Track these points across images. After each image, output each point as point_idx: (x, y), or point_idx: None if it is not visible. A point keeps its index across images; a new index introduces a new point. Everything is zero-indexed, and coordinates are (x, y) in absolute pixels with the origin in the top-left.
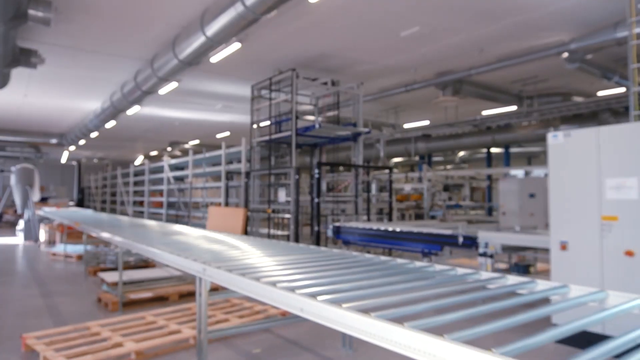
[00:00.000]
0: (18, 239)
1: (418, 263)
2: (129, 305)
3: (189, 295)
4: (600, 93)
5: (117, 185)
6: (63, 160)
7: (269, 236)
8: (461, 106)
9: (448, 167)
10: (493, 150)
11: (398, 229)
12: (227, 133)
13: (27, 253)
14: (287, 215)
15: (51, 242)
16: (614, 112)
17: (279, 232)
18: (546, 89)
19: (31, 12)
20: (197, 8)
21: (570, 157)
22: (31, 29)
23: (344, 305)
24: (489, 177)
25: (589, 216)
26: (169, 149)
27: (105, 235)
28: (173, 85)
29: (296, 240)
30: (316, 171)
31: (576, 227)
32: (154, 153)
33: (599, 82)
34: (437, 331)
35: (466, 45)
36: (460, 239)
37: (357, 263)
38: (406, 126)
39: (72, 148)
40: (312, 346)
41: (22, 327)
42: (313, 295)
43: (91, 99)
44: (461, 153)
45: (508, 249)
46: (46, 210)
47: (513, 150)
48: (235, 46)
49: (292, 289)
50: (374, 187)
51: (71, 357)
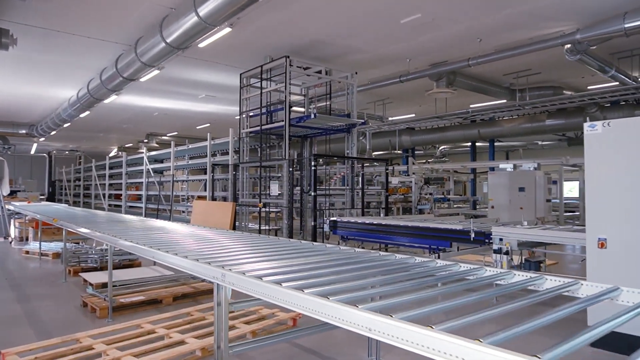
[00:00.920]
0: None
1: (449, 263)
2: (119, 310)
3: (184, 297)
4: (590, 87)
5: (92, 178)
6: (32, 151)
7: (260, 231)
8: (450, 99)
9: (429, 161)
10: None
11: (402, 224)
12: (207, 125)
13: None
14: (275, 209)
15: (23, 239)
16: (601, 107)
17: (270, 227)
18: (537, 82)
19: None
20: None
21: (610, 148)
22: (3, 5)
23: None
24: (474, 171)
25: (634, 212)
26: (146, 141)
27: (94, 233)
28: (155, 72)
29: (290, 235)
30: (313, 163)
31: (617, 224)
32: (130, 145)
33: (589, 77)
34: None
35: (465, 34)
36: (472, 235)
37: (387, 264)
38: (395, 118)
39: (43, 139)
40: (335, 356)
41: (0, 340)
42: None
43: (66, 87)
44: (442, 147)
45: (522, 245)
46: (16, 205)
47: (484, 145)
48: (225, 31)
49: (354, 304)
50: (360, 180)
51: None
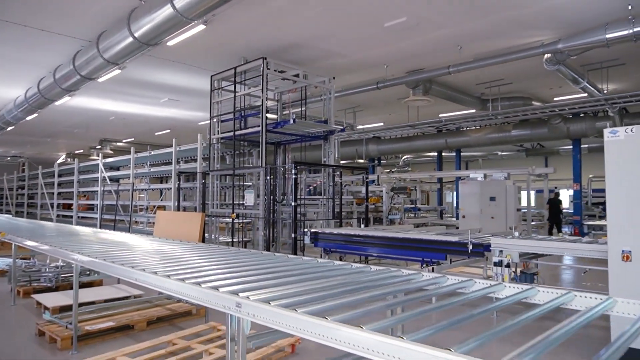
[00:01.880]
0: None
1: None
2: (85, 339)
3: (159, 321)
4: (556, 99)
5: (38, 186)
6: None
7: (233, 244)
8: (420, 108)
9: (393, 170)
10: (433, 153)
11: (393, 235)
12: (168, 131)
13: None
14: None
15: None
16: (565, 118)
17: (244, 239)
18: (507, 93)
19: None
20: None
21: (634, 155)
22: None
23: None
24: (440, 180)
25: None
26: (99, 147)
27: (57, 250)
28: (116, 71)
29: (267, 248)
30: (294, 171)
31: None
32: (80, 151)
33: (557, 88)
34: None
35: (446, 41)
36: (469, 247)
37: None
38: (368, 126)
39: None
40: None
41: None
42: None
43: (12, 85)
44: (405, 156)
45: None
46: None
47: (448, 155)
48: (198, 28)
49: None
50: (331, 190)
51: None
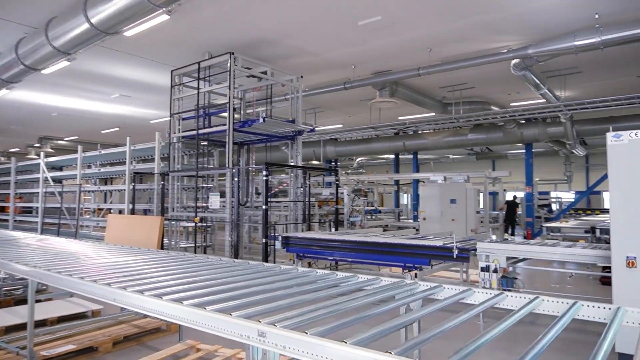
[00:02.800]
0: None
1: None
2: None
3: (127, 341)
4: (512, 104)
5: None
6: None
7: (196, 250)
8: (382, 110)
9: (348, 172)
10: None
11: (371, 240)
12: (116, 129)
13: None
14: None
15: None
16: (518, 123)
17: (207, 244)
18: (468, 97)
19: None
20: None
21: (639, 160)
22: None
23: None
24: (397, 183)
25: None
26: (38, 145)
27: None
28: (64, 63)
29: (235, 254)
30: (265, 172)
31: None
32: (16, 150)
33: (515, 94)
34: None
35: (417, 43)
36: (455, 252)
37: None
38: (328, 127)
39: None
40: None
41: None
42: None
43: None
44: (359, 158)
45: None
46: None
47: (403, 157)
48: (161, 18)
49: None
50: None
51: None
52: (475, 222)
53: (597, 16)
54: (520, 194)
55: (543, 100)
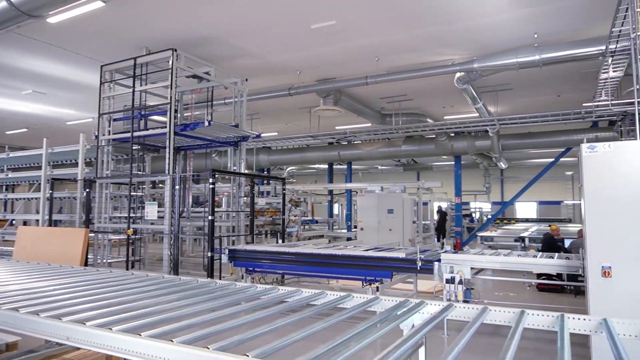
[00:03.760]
0: None
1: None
2: None
3: None
4: (446, 117)
5: None
6: None
7: (128, 266)
8: (321, 119)
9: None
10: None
11: (329, 252)
12: (25, 130)
13: None
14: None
15: None
16: (449, 136)
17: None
18: (405, 109)
19: None
20: None
21: (614, 171)
22: None
23: None
24: (331, 192)
25: None
26: None
27: None
28: None
29: (175, 270)
30: (211, 180)
31: (625, 251)
32: None
33: (449, 107)
34: None
35: (367, 51)
36: (419, 264)
37: None
38: (267, 135)
39: None
40: None
41: None
42: None
43: None
44: (289, 167)
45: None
46: None
47: (336, 167)
48: (95, 5)
49: None
50: (224, 201)
51: None
52: (412, 232)
53: (536, 35)
54: (444, 204)
55: (476, 114)
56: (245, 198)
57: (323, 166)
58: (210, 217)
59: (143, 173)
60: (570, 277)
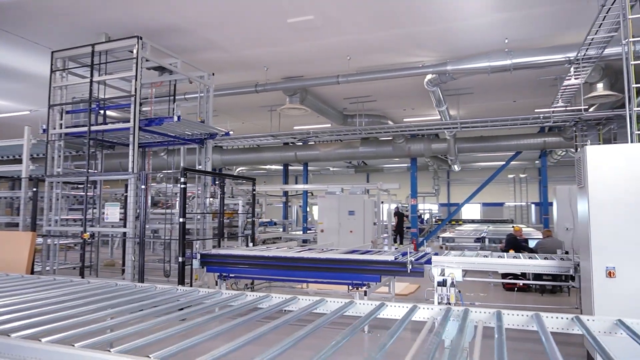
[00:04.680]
0: None
1: None
2: None
3: None
4: (405, 120)
5: None
6: None
7: (83, 273)
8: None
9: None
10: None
11: (312, 256)
12: None
13: None
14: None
15: None
16: (406, 138)
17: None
18: (368, 110)
19: None
20: None
21: (619, 172)
22: None
23: None
24: (286, 194)
25: None
26: None
27: None
28: None
29: (141, 277)
30: (182, 180)
31: (629, 251)
32: None
33: (410, 110)
34: None
35: (340, 49)
36: (409, 267)
37: None
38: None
39: None
40: None
41: None
42: None
43: None
44: (239, 168)
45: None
46: None
47: (279, 168)
48: None
49: None
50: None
51: None
52: (373, 234)
53: (507, 41)
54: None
55: (436, 117)
56: (211, 199)
57: (274, 167)
58: (181, 220)
59: (96, 172)
60: (536, 277)
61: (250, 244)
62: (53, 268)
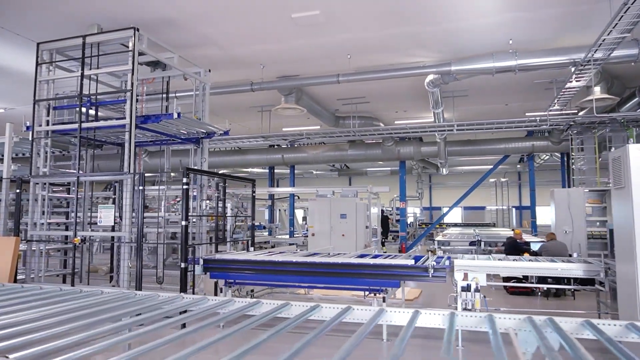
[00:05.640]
0: None
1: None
2: None
3: None
4: (397, 122)
5: None
6: None
7: (74, 281)
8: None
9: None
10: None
11: (327, 261)
12: None
13: None
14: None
15: None
16: (395, 141)
17: (57, 272)
18: (361, 112)
19: None
20: None
21: None
22: None
23: None
24: (272, 197)
25: None
26: None
27: None
28: None
29: (138, 284)
30: (184, 180)
31: None
32: None
33: (402, 112)
34: None
35: (340, 47)
36: (431, 271)
37: None
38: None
39: None
40: None
41: None
42: None
43: None
44: (221, 171)
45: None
46: None
47: (263, 171)
48: None
49: None
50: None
51: None
52: (365, 237)
53: (511, 42)
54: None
55: (430, 120)
56: (208, 201)
57: (257, 170)
58: (184, 223)
59: (105, 172)
60: (540, 280)
61: (251, 249)
62: (38, 276)
